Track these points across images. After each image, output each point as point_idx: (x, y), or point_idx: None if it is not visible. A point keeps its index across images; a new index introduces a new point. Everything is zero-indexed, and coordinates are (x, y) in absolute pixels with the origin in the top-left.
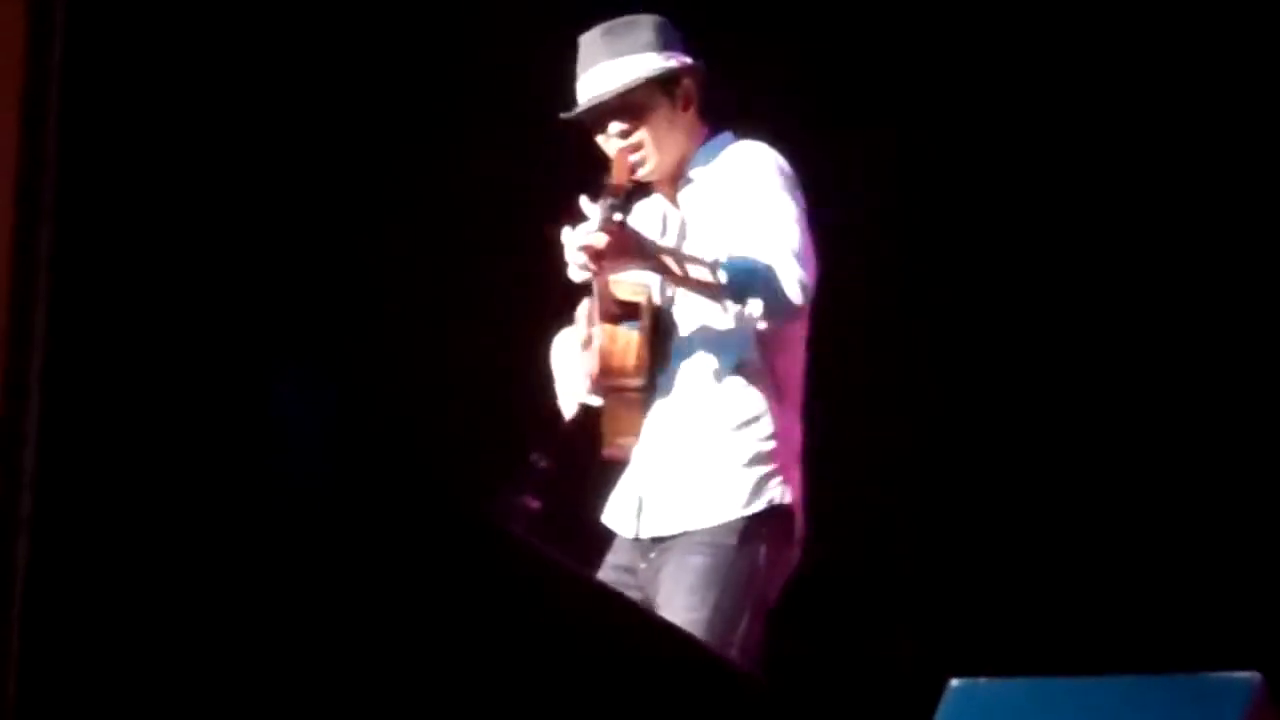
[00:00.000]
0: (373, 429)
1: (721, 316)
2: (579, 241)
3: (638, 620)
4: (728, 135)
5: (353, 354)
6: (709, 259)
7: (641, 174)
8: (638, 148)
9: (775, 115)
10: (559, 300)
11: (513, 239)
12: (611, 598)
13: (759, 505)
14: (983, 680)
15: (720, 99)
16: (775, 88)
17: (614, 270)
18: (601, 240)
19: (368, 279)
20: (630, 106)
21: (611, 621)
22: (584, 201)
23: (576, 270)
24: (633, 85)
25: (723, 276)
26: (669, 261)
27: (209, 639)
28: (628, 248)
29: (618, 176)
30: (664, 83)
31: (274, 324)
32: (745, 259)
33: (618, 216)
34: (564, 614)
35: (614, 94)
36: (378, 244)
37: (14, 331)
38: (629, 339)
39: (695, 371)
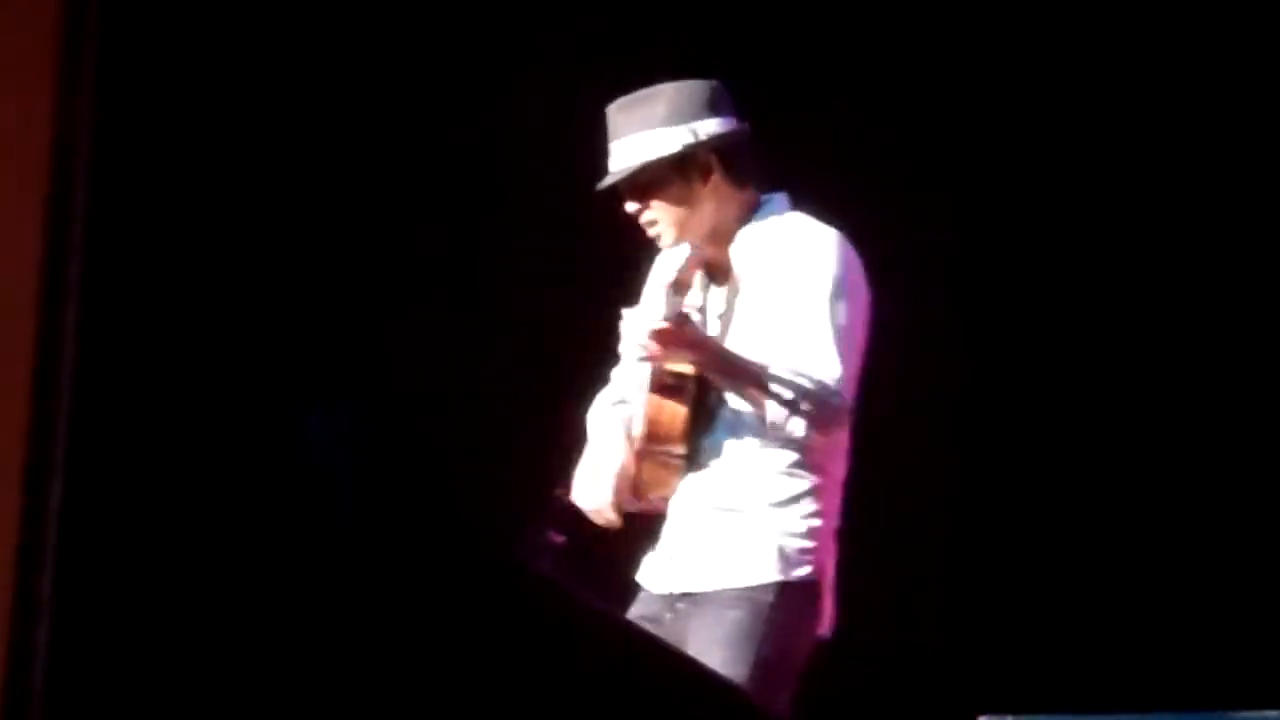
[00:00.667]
0: (400, 462)
1: None
2: (643, 328)
3: (673, 663)
4: (782, 199)
5: (382, 387)
6: (754, 371)
7: (661, 245)
8: (652, 224)
9: (830, 171)
10: (591, 338)
11: (548, 273)
12: (644, 639)
13: (791, 574)
14: (1010, 718)
15: (775, 155)
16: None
17: (669, 358)
18: (664, 333)
19: (398, 311)
20: (638, 185)
21: (644, 664)
22: (654, 287)
23: (634, 351)
24: (635, 168)
25: (766, 396)
26: (720, 363)
27: (236, 672)
28: (687, 343)
29: (686, 271)
30: (675, 160)
31: (305, 357)
32: (790, 380)
33: (684, 309)
34: (592, 653)
35: (621, 176)
36: (409, 277)
37: (42, 365)
38: (676, 411)
39: (740, 444)
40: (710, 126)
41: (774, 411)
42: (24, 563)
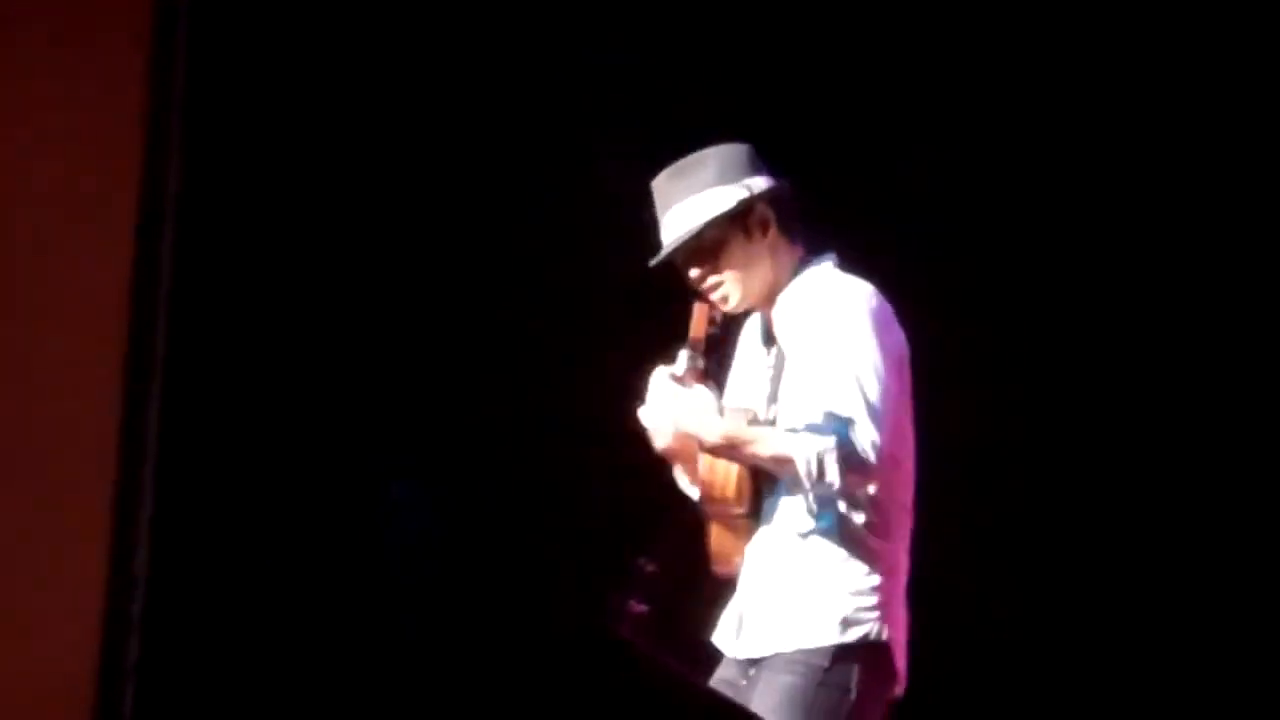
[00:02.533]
0: (480, 531)
1: None
2: (659, 394)
3: None
4: (829, 257)
5: (464, 459)
6: (772, 437)
7: (728, 308)
8: (719, 285)
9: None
10: None
11: (623, 346)
12: (716, 703)
13: (853, 636)
14: None
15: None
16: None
17: (691, 429)
18: (670, 408)
19: (479, 383)
20: (702, 248)
21: None
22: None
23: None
24: (699, 228)
25: (797, 459)
26: (738, 436)
27: None
28: (688, 424)
29: (695, 329)
30: (733, 216)
31: (387, 428)
32: (815, 432)
33: (699, 365)
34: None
35: (683, 240)
36: (492, 350)
37: (128, 434)
38: (728, 470)
39: (799, 503)
40: (761, 182)
41: (805, 468)
42: (110, 629)
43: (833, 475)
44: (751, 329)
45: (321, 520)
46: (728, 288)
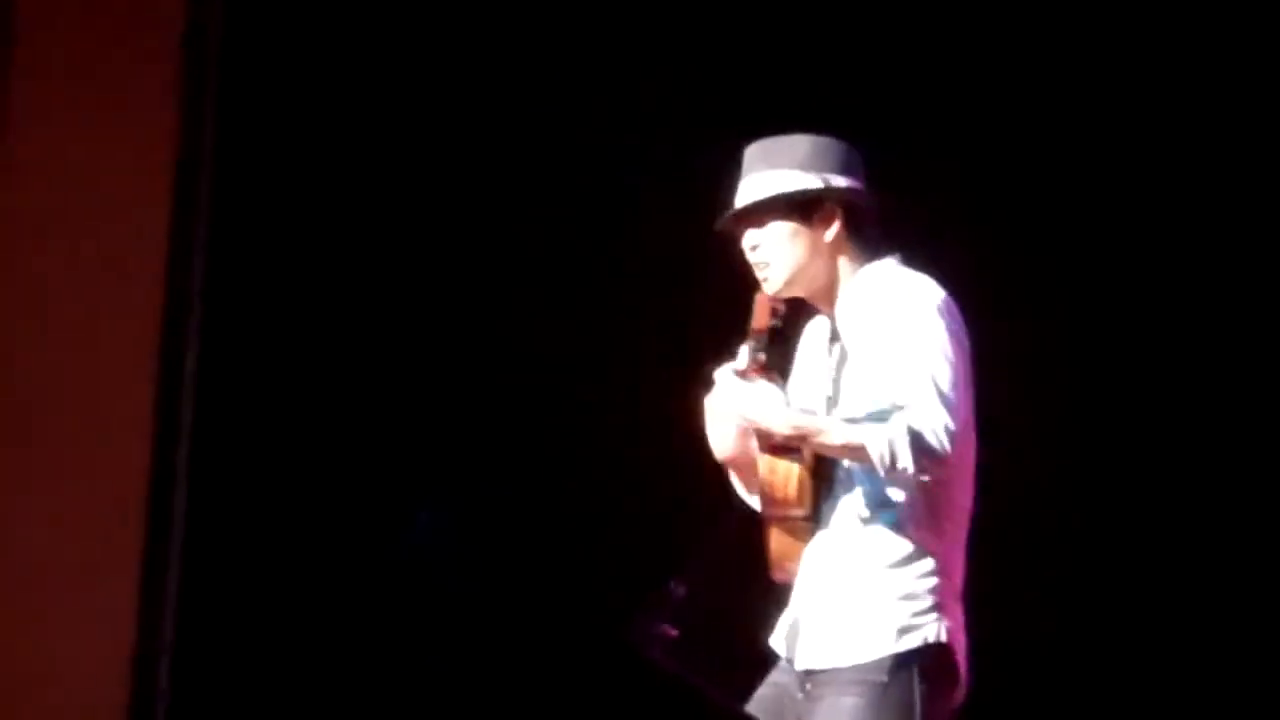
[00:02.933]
0: (510, 554)
1: None
2: (723, 388)
3: None
4: (891, 261)
5: (493, 481)
6: (844, 424)
7: (766, 287)
8: (764, 263)
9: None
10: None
11: (657, 367)
12: None
13: (912, 642)
14: None
15: (902, 227)
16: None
17: (755, 422)
18: (736, 397)
19: (508, 404)
20: (761, 220)
21: None
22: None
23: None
24: (763, 200)
25: (869, 444)
26: (808, 427)
27: None
28: (762, 403)
29: (757, 321)
30: (801, 202)
31: (415, 454)
32: (887, 416)
33: (760, 357)
34: None
35: (744, 207)
36: (520, 370)
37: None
38: (789, 470)
39: (855, 504)
40: (840, 181)
41: (877, 452)
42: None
43: (905, 460)
44: (814, 332)
45: (349, 543)
46: (772, 269)
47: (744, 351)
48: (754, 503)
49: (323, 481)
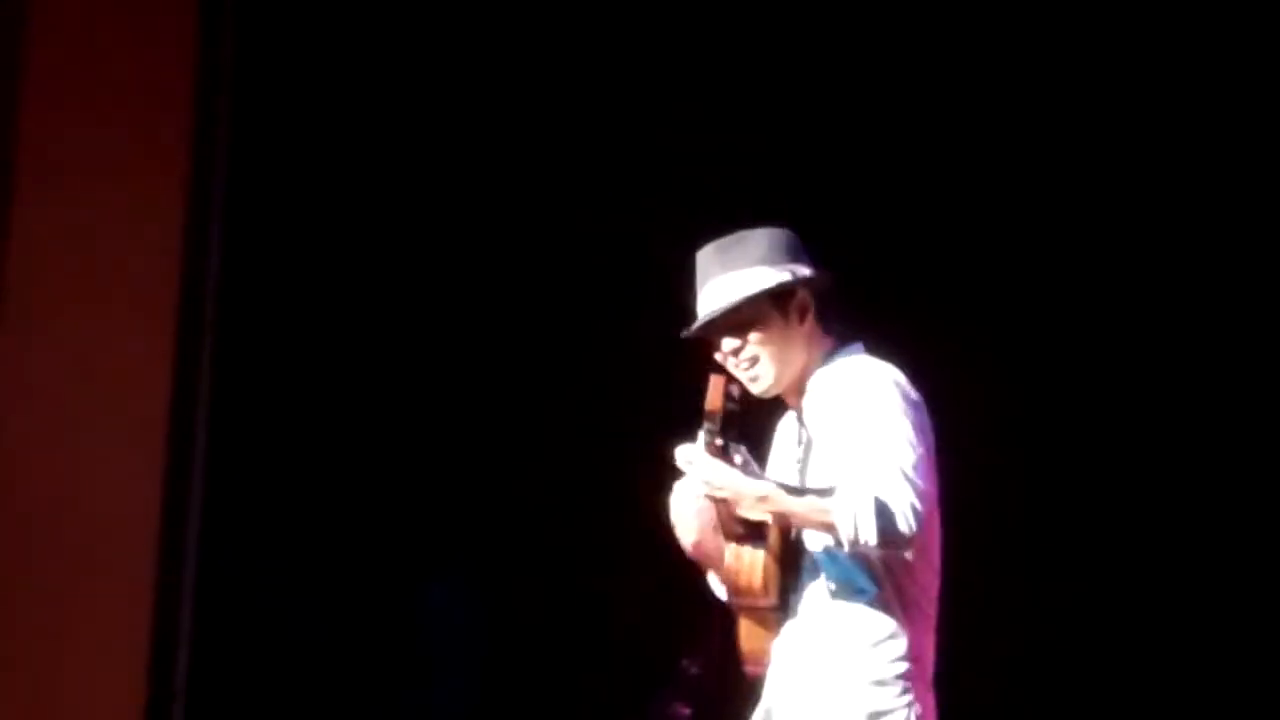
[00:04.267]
0: (521, 632)
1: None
2: (685, 462)
3: None
4: (857, 346)
5: (502, 562)
6: (813, 493)
7: (755, 390)
8: (752, 363)
9: (907, 325)
10: None
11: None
12: None
13: None
14: None
15: (852, 309)
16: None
17: (722, 498)
18: (701, 467)
19: (519, 487)
20: (740, 322)
21: None
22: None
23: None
24: (740, 302)
25: (834, 514)
26: (772, 497)
27: None
28: (728, 479)
29: (711, 403)
30: (776, 297)
31: (426, 534)
32: (855, 491)
33: (718, 442)
34: None
35: (722, 311)
36: (531, 453)
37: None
38: (754, 558)
39: (823, 591)
40: (806, 270)
41: (843, 524)
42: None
43: (869, 532)
44: (784, 429)
45: (361, 623)
46: (760, 368)
47: (701, 437)
48: (723, 594)
49: (336, 557)
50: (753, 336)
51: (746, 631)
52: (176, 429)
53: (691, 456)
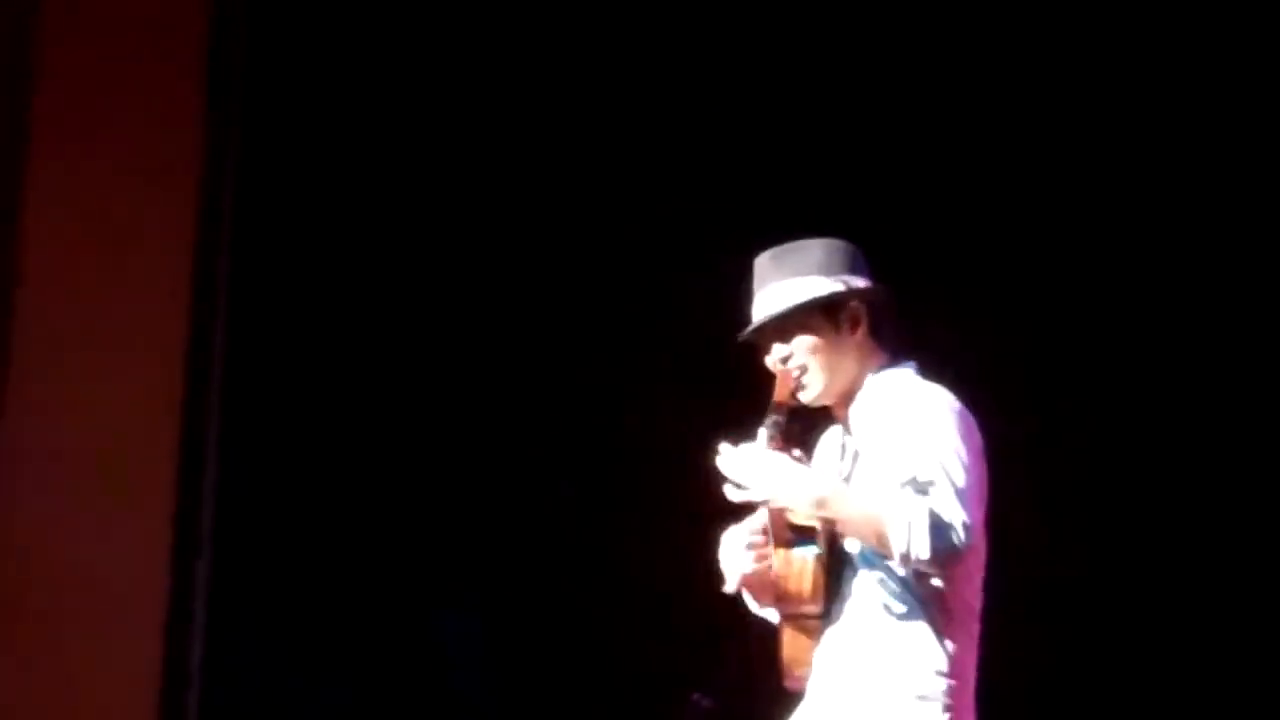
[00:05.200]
0: (534, 664)
1: None
2: (740, 459)
3: None
4: (909, 366)
5: (515, 592)
6: (871, 500)
7: (803, 397)
8: (802, 371)
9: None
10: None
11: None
12: None
13: None
14: None
15: (910, 327)
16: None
17: (776, 496)
18: (761, 464)
19: (532, 518)
20: (790, 329)
21: None
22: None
23: (733, 490)
24: (791, 309)
25: (888, 524)
26: (833, 498)
27: None
28: (787, 469)
29: (779, 395)
30: (827, 306)
31: (439, 561)
32: (911, 504)
33: (777, 432)
34: None
35: (774, 317)
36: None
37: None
38: (804, 564)
39: (868, 602)
40: (859, 281)
41: (896, 537)
42: None
43: (921, 545)
44: (829, 441)
45: (376, 657)
46: (809, 377)
47: (763, 430)
48: (768, 614)
49: (348, 586)
50: (802, 345)
51: (790, 639)
52: (186, 460)
53: (753, 451)
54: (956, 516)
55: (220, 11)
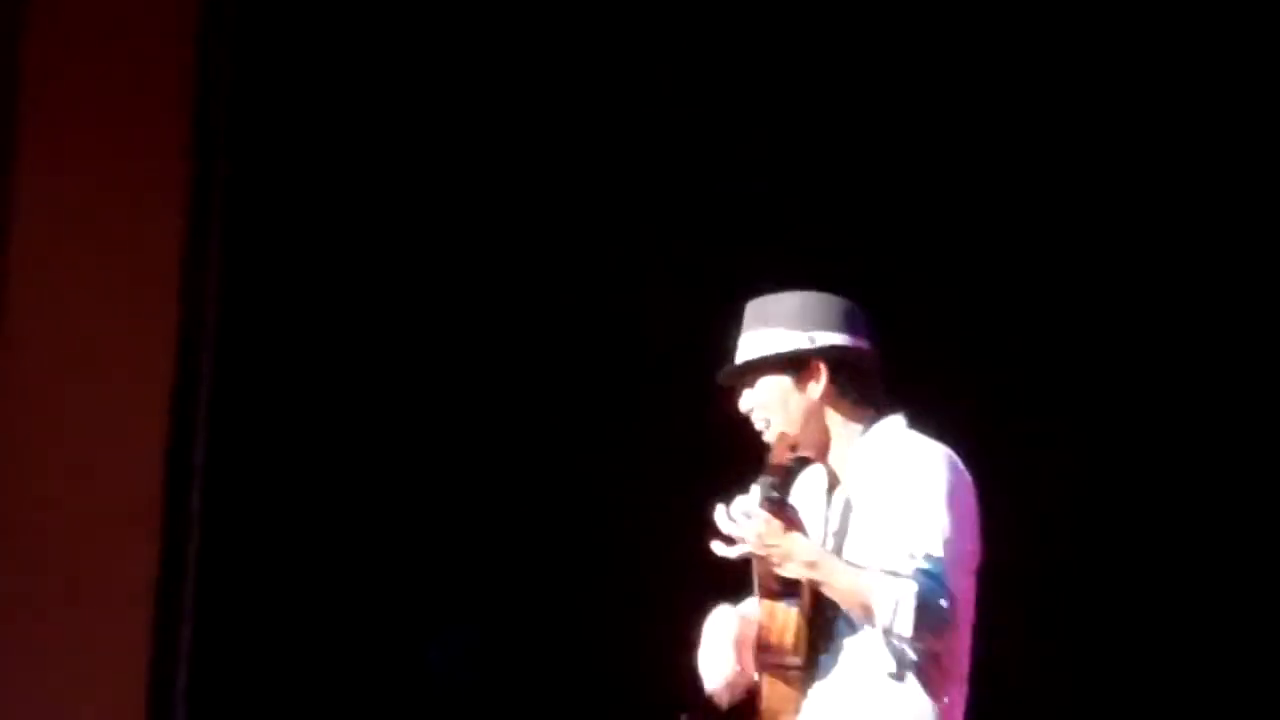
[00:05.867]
0: (524, 679)
1: None
2: (734, 515)
3: None
4: (898, 419)
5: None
6: (862, 571)
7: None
8: (765, 424)
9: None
10: (708, 571)
11: (668, 507)
12: None
13: None
14: None
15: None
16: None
17: (768, 555)
18: (758, 521)
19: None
20: (750, 380)
21: None
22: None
23: (721, 546)
24: (753, 362)
25: (874, 598)
26: (821, 564)
27: None
28: (784, 531)
29: (777, 456)
30: (791, 361)
31: (426, 583)
32: (899, 578)
33: (775, 495)
34: None
35: (736, 368)
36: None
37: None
38: (788, 616)
39: (858, 658)
40: (828, 338)
41: (881, 611)
42: None
43: (905, 624)
44: (810, 480)
45: (366, 667)
46: (772, 432)
47: (757, 488)
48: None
49: (342, 602)
50: (764, 397)
51: (770, 691)
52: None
53: (748, 508)
54: (943, 593)
55: (209, 19)
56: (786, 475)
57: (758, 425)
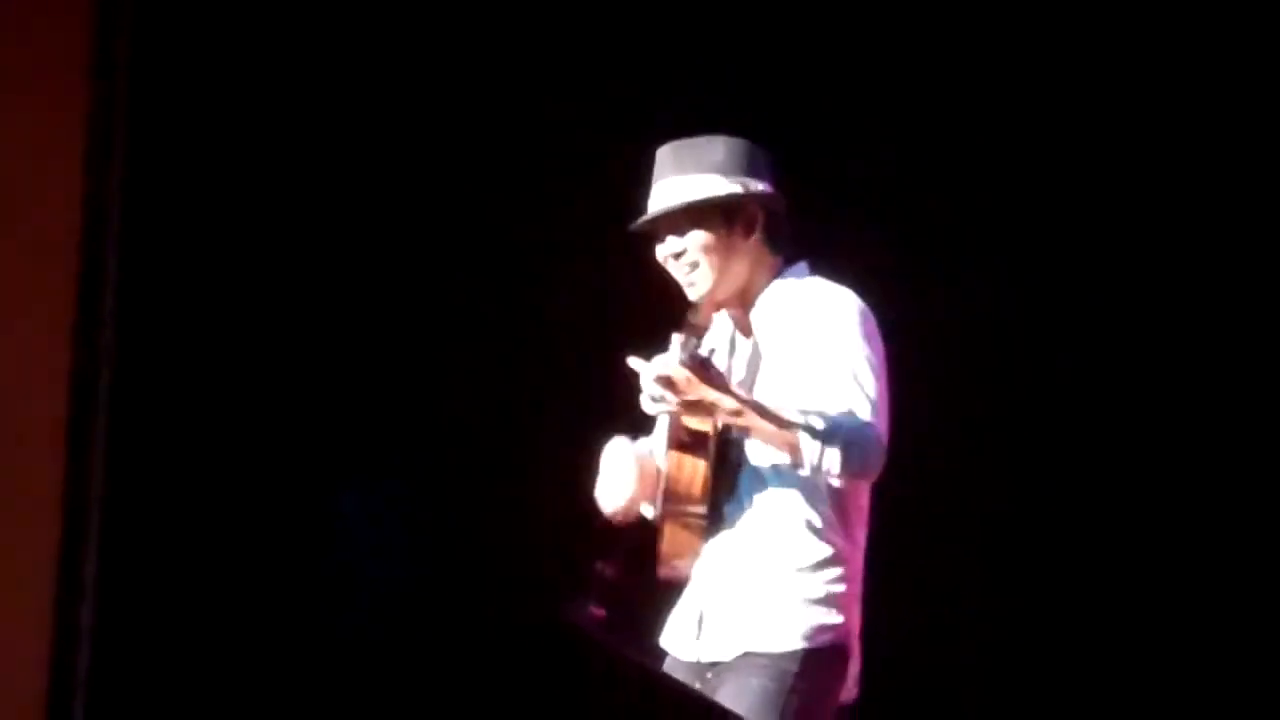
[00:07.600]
0: (444, 536)
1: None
2: (656, 372)
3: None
4: (802, 266)
5: (423, 463)
6: (787, 414)
7: (691, 295)
8: (692, 268)
9: (859, 249)
10: (632, 416)
11: (586, 349)
12: (682, 694)
13: (821, 641)
14: None
15: (805, 230)
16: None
17: (690, 409)
18: (680, 375)
19: (434, 382)
20: (684, 226)
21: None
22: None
23: (650, 403)
24: (687, 205)
25: (801, 436)
26: (747, 412)
27: None
28: (710, 385)
29: (702, 319)
30: (725, 206)
31: (341, 437)
32: (825, 418)
33: (697, 353)
34: (632, 710)
35: (667, 211)
36: (452, 355)
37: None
38: (695, 467)
39: (765, 508)
40: (760, 186)
41: (809, 451)
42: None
43: (833, 464)
44: (717, 330)
45: (276, 530)
46: (698, 274)
47: (676, 345)
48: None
49: (246, 467)
50: (695, 242)
51: (671, 536)
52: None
53: (669, 363)
54: (871, 432)
55: None
56: (703, 333)
57: (678, 272)
